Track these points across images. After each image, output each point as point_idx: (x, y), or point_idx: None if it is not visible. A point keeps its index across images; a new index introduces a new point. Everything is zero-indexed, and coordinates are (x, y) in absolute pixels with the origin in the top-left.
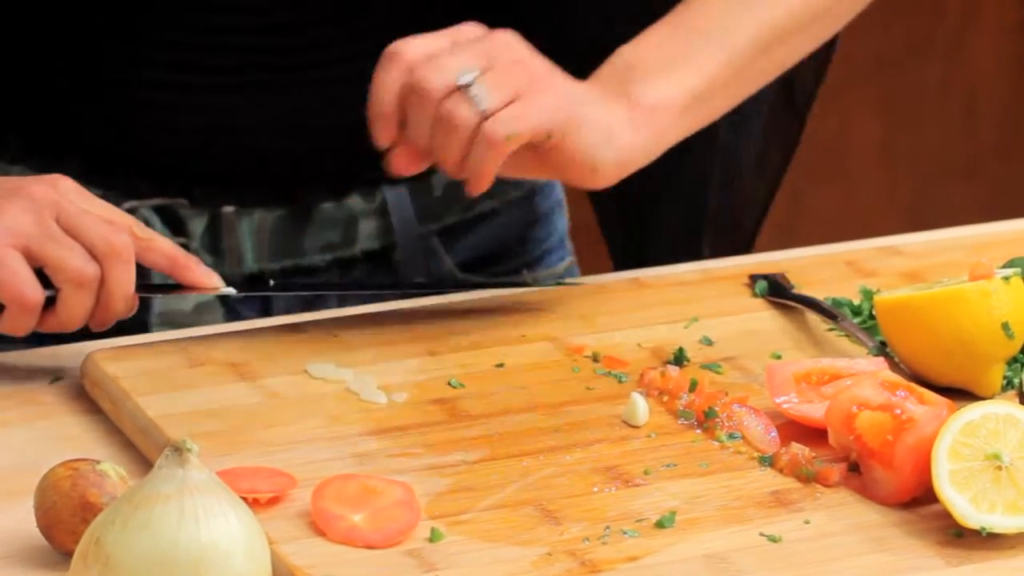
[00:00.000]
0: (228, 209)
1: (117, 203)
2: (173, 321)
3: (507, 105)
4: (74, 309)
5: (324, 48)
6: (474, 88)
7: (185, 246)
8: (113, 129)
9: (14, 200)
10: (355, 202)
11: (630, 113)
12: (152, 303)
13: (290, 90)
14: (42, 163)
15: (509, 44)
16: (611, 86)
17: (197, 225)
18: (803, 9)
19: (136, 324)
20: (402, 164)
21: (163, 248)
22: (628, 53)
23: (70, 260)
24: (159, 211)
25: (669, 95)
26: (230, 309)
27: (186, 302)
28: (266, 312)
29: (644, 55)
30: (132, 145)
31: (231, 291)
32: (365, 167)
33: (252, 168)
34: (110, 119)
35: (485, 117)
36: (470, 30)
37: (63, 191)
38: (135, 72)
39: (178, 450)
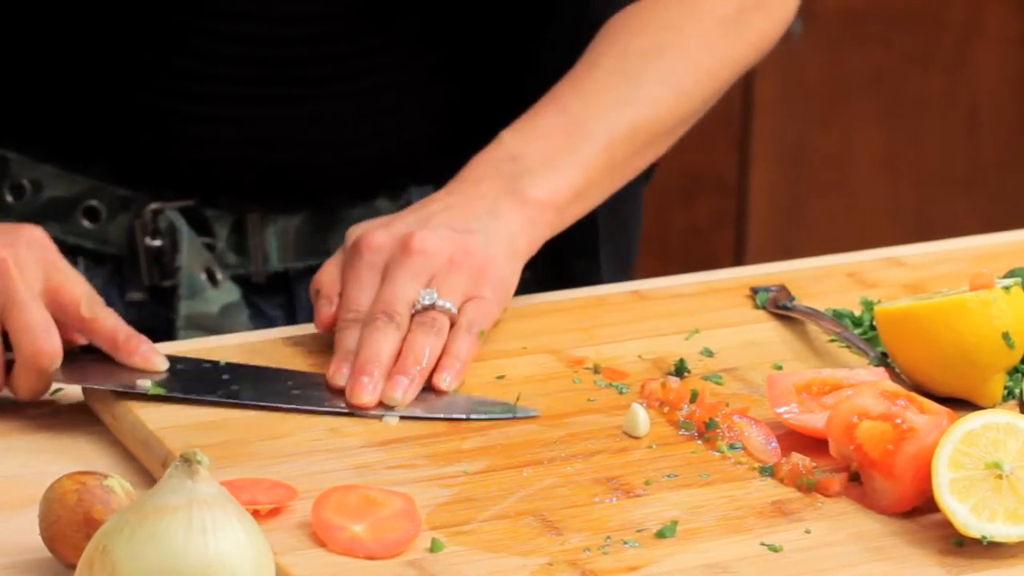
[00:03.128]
0: (254, 215)
1: (143, 205)
2: (199, 324)
3: (466, 301)
4: None
5: (348, 60)
6: (439, 303)
7: (211, 247)
8: (139, 136)
9: None
10: (382, 203)
11: (523, 212)
12: (178, 305)
13: (315, 102)
14: (69, 163)
15: (427, 245)
16: (502, 184)
17: (222, 227)
18: (674, 113)
19: (162, 326)
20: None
21: (104, 330)
22: (511, 143)
23: None
24: (185, 212)
25: (554, 192)
26: (256, 311)
27: (211, 305)
28: (290, 311)
29: (528, 147)
30: (158, 153)
31: (160, 371)
32: (391, 174)
33: (277, 178)
34: (136, 127)
35: (453, 318)
36: (379, 246)
37: (20, 266)
38: (160, 81)
39: (188, 461)
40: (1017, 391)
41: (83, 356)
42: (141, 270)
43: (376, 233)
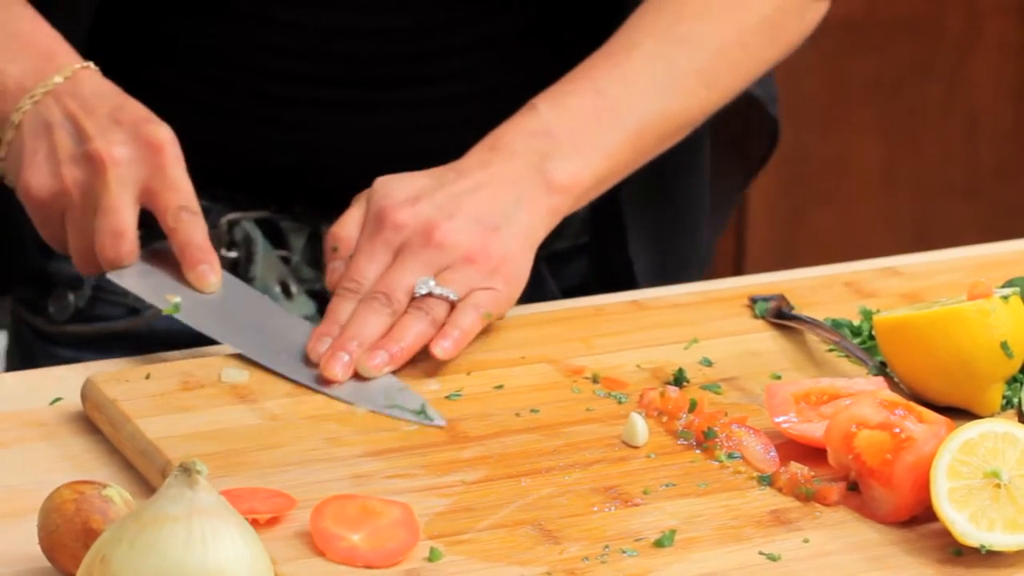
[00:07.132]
0: (328, 227)
1: (220, 215)
2: None
3: (470, 293)
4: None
5: (427, 61)
6: (437, 290)
7: (286, 259)
8: (217, 144)
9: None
10: None
11: (548, 201)
12: None
13: (391, 110)
14: None
15: (447, 239)
16: (532, 164)
17: (298, 239)
18: (703, 107)
19: None
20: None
21: (179, 240)
22: (546, 117)
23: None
24: (260, 224)
25: (579, 178)
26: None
27: (272, 291)
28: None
29: (561, 124)
30: (235, 161)
31: (174, 306)
32: None
33: (352, 188)
34: (210, 127)
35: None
36: (402, 225)
37: (120, 166)
38: (239, 83)
39: (187, 471)
40: (1015, 400)
41: (164, 258)
42: None
43: (403, 211)
